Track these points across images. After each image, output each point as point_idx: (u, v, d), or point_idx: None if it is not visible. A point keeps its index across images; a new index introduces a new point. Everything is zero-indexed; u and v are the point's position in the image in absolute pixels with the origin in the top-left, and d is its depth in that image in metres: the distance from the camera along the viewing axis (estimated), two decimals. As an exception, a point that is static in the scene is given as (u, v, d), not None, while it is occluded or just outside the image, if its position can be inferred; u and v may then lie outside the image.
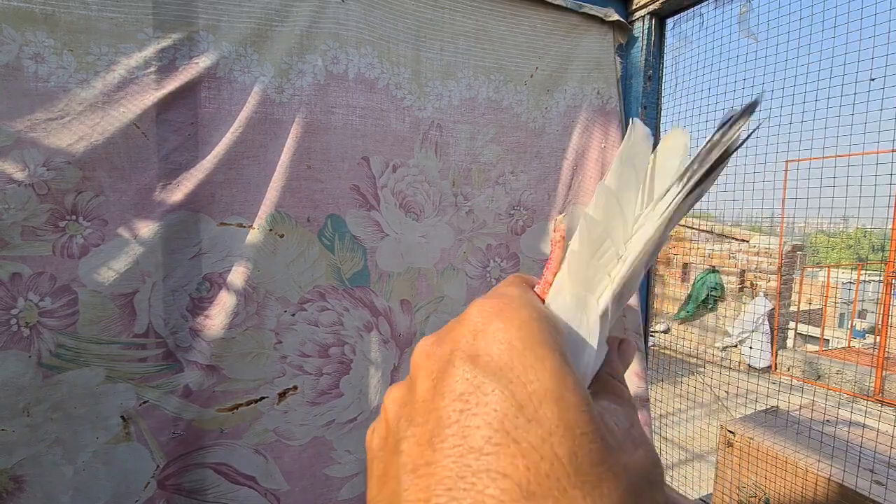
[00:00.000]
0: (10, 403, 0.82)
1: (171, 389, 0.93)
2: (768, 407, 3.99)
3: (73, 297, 0.85)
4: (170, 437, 0.93)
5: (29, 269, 0.82)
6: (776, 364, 5.69)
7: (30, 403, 0.83)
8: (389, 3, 1.09)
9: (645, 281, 1.45)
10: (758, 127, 0.32)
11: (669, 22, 1.42)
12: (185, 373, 0.94)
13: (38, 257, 0.83)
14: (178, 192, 0.92)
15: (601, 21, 1.32)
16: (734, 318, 6.46)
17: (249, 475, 1.00)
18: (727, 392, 4.52)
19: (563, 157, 1.33)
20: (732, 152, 0.28)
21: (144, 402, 0.91)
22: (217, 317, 0.95)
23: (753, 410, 4.11)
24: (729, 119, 0.29)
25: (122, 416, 0.90)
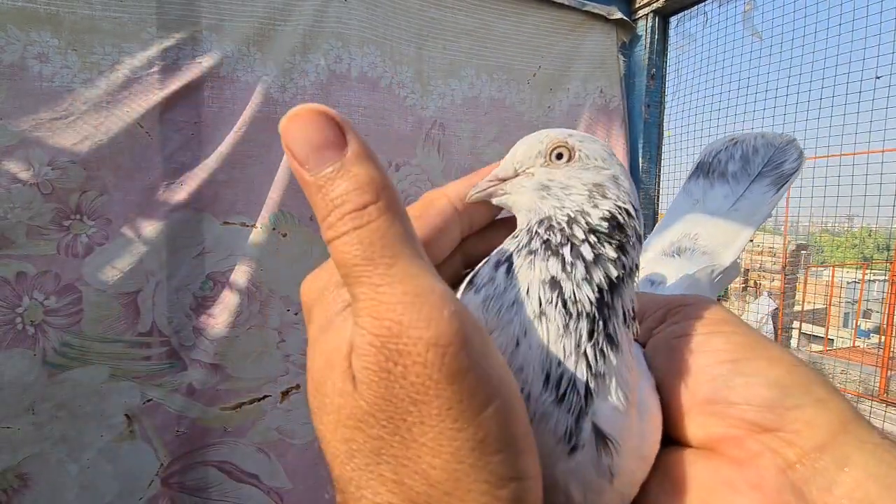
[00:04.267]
0: (16, 401, 0.82)
1: (174, 388, 0.93)
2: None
3: (77, 295, 0.86)
4: (174, 435, 0.94)
5: (34, 268, 0.83)
6: (780, 364, 5.64)
7: (35, 401, 0.84)
8: (392, 2, 1.09)
9: (648, 280, 1.44)
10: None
11: (673, 20, 1.41)
12: (189, 371, 0.94)
13: (43, 256, 0.83)
14: (181, 192, 0.92)
15: (604, 19, 1.32)
16: (738, 318, 6.42)
17: (253, 473, 1.00)
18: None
19: (566, 156, 1.33)
20: None
21: (148, 401, 0.92)
22: (220, 315, 0.96)
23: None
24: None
25: (127, 415, 0.90)
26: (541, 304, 0.22)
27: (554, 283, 0.22)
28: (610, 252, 0.23)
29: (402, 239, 0.18)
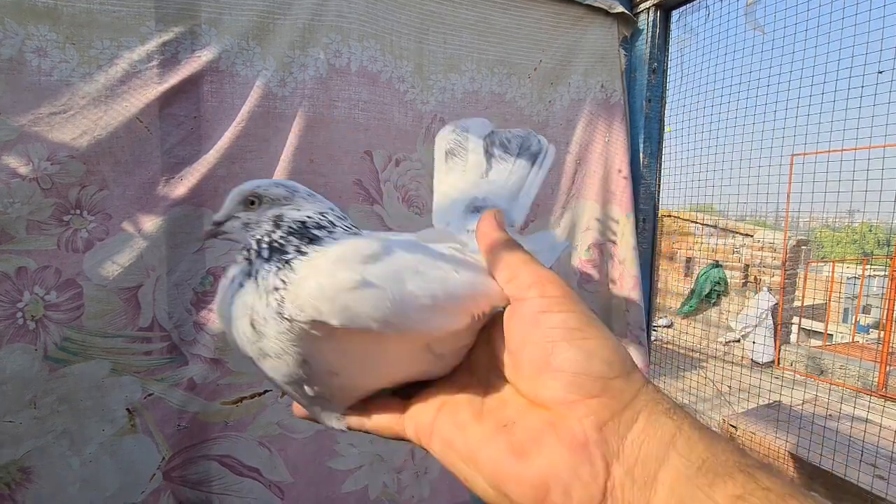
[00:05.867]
0: (18, 396, 0.82)
1: (175, 382, 0.94)
2: (771, 402, 3.99)
3: (78, 290, 0.86)
4: (175, 429, 0.94)
5: (34, 263, 0.83)
6: (779, 359, 5.68)
7: (36, 396, 0.84)
8: (392, -4, 1.08)
9: (648, 276, 1.44)
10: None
11: (675, 14, 1.40)
12: (190, 366, 0.95)
13: (44, 251, 0.83)
14: (181, 187, 0.92)
15: (606, 13, 1.31)
16: (737, 313, 6.44)
17: (254, 467, 1.01)
18: (730, 387, 4.52)
19: (567, 151, 1.33)
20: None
21: (150, 395, 0.92)
22: (221, 311, 0.96)
23: (756, 405, 4.11)
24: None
25: (128, 409, 0.91)
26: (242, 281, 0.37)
27: (249, 273, 0.37)
28: (291, 246, 0.37)
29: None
